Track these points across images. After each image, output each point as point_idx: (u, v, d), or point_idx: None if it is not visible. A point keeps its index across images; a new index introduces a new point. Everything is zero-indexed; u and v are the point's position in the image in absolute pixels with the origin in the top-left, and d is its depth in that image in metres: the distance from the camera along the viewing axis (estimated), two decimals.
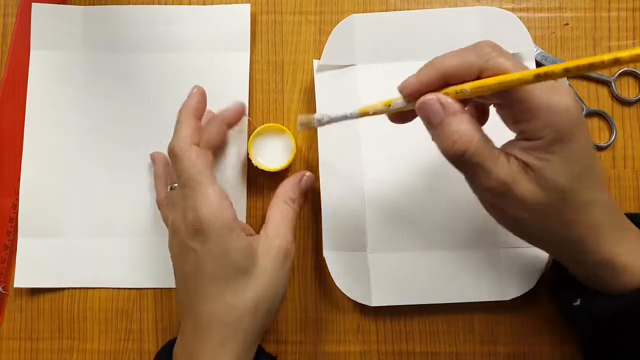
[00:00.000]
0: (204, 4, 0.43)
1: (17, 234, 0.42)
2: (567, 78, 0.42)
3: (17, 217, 0.42)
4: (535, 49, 0.42)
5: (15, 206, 0.42)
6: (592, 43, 0.42)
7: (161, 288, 0.42)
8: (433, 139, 0.29)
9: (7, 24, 0.44)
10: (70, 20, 0.43)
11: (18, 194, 0.42)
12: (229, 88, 0.42)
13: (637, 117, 0.42)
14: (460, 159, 0.28)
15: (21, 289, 0.42)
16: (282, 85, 0.43)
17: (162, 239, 0.41)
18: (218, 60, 0.42)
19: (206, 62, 0.42)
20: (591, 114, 0.42)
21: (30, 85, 0.43)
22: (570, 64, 0.25)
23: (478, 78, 0.28)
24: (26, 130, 0.42)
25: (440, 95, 0.29)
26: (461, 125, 0.28)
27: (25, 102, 0.43)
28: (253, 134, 0.40)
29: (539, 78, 0.26)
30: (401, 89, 0.30)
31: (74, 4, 0.44)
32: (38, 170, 0.42)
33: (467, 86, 0.28)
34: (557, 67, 0.25)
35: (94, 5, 0.43)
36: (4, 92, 0.43)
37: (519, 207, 0.28)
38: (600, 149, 0.42)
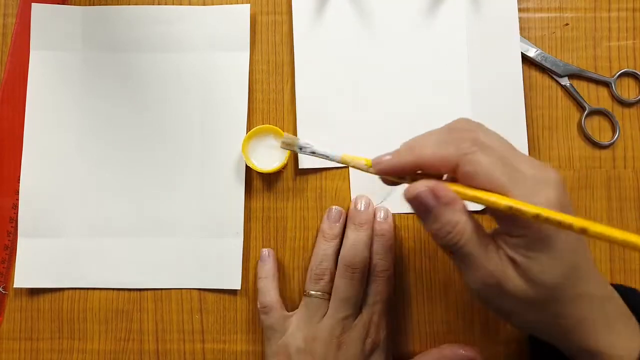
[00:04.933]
0: (204, 4, 0.43)
1: (17, 234, 0.42)
2: (568, 77, 0.42)
3: (17, 217, 0.42)
4: (535, 50, 0.42)
5: (15, 206, 0.42)
6: (592, 43, 0.42)
7: (161, 289, 0.42)
8: (425, 227, 0.30)
9: (7, 24, 0.44)
10: (70, 20, 0.43)
11: (18, 194, 0.42)
12: (229, 88, 0.42)
13: (637, 118, 0.42)
14: (453, 249, 0.29)
15: (21, 289, 0.42)
16: (282, 85, 0.43)
17: (162, 239, 0.42)
18: (218, 60, 0.42)
19: (206, 62, 0.42)
20: (593, 112, 0.42)
21: (30, 85, 0.43)
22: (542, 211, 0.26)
23: (454, 170, 0.28)
24: (26, 130, 0.42)
25: (434, 185, 0.28)
26: (454, 215, 0.28)
27: (25, 102, 0.43)
28: (247, 135, 0.40)
29: (538, 218, 0.26)
30: (375, 164, 0.30)
31: (74, 4, 0.44)
32: (38, 170, 0.42)
33: (468, 193, 0.28)
34: (531, 210, 0.26)
35: (94, 5, 0.43)
36: (4, 92, 0.43)
37: (512, 301, 0.29)
38: (602, 147, 0.42)
